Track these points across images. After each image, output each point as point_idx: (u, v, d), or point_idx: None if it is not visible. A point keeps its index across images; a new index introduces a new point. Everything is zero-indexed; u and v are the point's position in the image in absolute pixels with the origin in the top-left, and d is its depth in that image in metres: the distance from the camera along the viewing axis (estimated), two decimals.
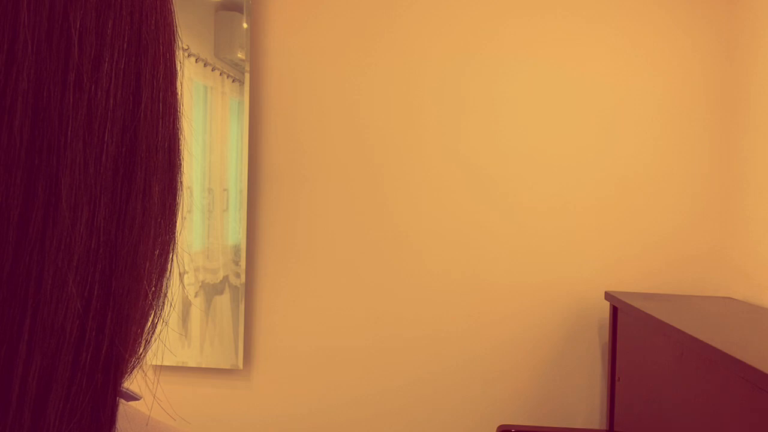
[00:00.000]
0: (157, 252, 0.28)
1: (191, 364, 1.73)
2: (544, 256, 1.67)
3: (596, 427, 1.65)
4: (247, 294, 1.72)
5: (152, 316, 0.28)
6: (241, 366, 1.72)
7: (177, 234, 0.30)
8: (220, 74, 1.71)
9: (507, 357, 1.68)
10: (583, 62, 1.66)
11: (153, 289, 0.28)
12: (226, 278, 1.73)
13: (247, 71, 1.69)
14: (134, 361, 0.28)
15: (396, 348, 1.71)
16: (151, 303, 0.28)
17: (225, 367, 1.73)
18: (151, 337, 0.29)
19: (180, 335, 1.73)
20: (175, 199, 0.29)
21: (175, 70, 0.29)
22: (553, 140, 1.67)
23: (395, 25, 1.70)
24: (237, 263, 1.72)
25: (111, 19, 0.24)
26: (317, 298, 1.72)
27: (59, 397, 0.22)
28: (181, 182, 0.30)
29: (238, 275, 1.71)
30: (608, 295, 1.51)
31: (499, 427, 1.59)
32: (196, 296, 1.73)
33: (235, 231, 1.72)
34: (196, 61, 1.69)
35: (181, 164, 0.29)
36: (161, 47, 0.27)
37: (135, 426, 0.31)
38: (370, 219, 1.71)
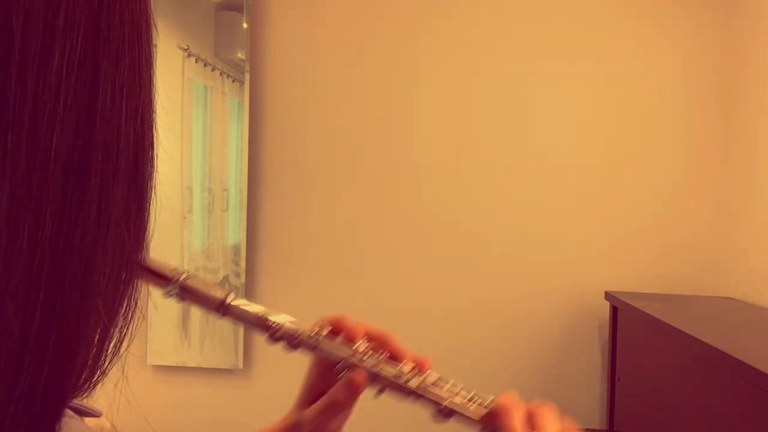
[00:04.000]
0: (117, 263, 0.24)
1: (191, 364, 1.73)
2: (545, 256, 1.67)
3: (596, 427, 1.64)
4: (247, 294, 1.72)
5: (114, 330, 0.25)
6: (241, 366, 1.72)
7: (146, 241, 0.27)
8: (220, 74, 1.71)
9: (507, 357, 1.68)
10: (581, 63, 1.66)
11: (111, 301, 0.25)
12: (226, 278, 1.73)
13: (247, 71, 1.69)
14: (94, 379, 0.25)
15: None
16: (112, 317, 0.25)
17: (225, 367, 1.73)
18: (117, 351, 0.26)
19: (179, 336, 1.73)
20: (142, 203, 0.26)
21: (145, 63, 0.25)
22: (556, 142, 1.66)
23: (395, 24, 1.70)
24: (237, 263, 1.72)
25: (63, 8, 0.21)
26: (317, 298, 1.72)
27: None
28: (152, 185, 0.26)
29: (238, 275, 1.71)
30: (608, 295, 1.51)
31: None
32: None
33: (235, 231, 1.72)
34: (196, 61, 1.69)
35: (151, 165, 0.26)
36: (126, 38, 0.24)
37: None
38: (370, 218, 1.71)
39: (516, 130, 1.68)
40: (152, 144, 0.26)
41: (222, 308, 0.51)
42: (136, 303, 0.27)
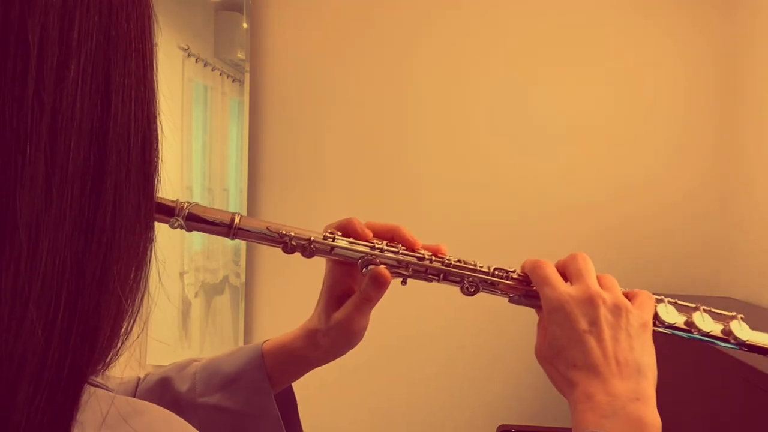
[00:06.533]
0: (131, 256, 0.26)
1: None
2: (544, 256, 1.67)
3: None
4: (247, 294, 1.72)
5: (123, 322, 0.27)
6: None
7: (154, 232, 0.28)
8: (220, 74, 1.71)
9: (507, 357, 1.68)
10: (581, 63, 1.66)
11: (127, 291, 0.26)
12: (226, 278, 1.73)
13: (247, 71, 1.69)
14: (106, 363, 0.27)
15: (396, 348, 1.71)
16: (125, 309, 0.26)
17: None
18: (126, 339, 0.27)
19: (179, 336, 1.73)
20: (151, 196, 0.27)
21: (150, 64, 0.26)
22: (555, 143, 1.66)
23: (395, 24, 1.70)
24: (237, 263, 1.72)
25: (77, 23, 0.22)
26: (317, 299, 1.72)
27: (18, 424, 0.21)
28: (158, 177, 0.28)
29: (238, 275, 1.71)
30: None
31: (499, 427, 1.58)
32: (196, 296, 1.73)
33: None
34: (196, 61, 1.69)
35: (157, 159, 0.27)
36: (133, 42, 0.25)
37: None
38: (371, 219, 1.71)
39: (514, 130, 1.68)
40: (157, 140, 0.27)
41: (232, 231, 0.51)
42: (146, 286, 0.28)
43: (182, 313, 1.73)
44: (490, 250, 1.68)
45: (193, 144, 1.72)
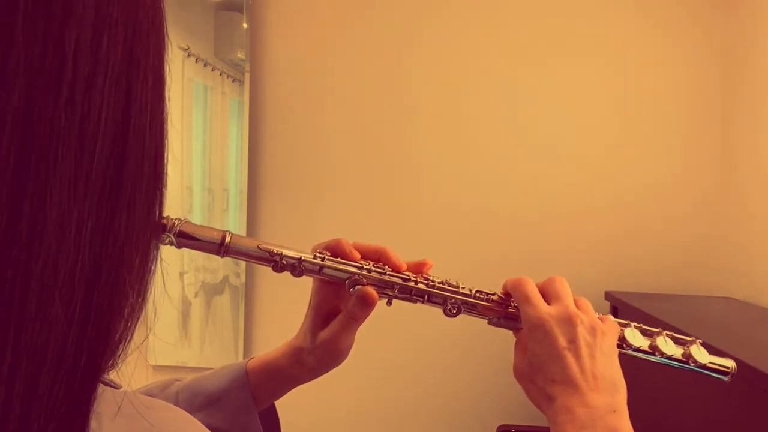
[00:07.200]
0: (141, 256, 0.28)
1: (191, 364, 1.73)
2: (545, 256, 1.67)
3: None
4: (247, 294, 1.72)
5: (132, 320, 0.29)
6: None
7: (159, 244, 0.30)
8: (220, 74, 1.71)
9: (507, 356, 1.68)
10: (581, 62, 1.66)
11: (137, 290, 0.28)
12: (226, 278, 1.73)
13: (247, 71, 1.69)
14: (113, 361, 0.28)
15: (395, 348, 1.71)
16: (133, 308, 0.28)
17: None
18: (130, 339, 0.29)
19: (179, 336, 1.73)
20: (160, 202, 0.29)
21: (164, 78, 0.29)
22: (556, 143, 1.66)
23: (395, 24, 1.70)
24: (237, 263, 1.72)
25: (106, 36, 0.24)
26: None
27: (39, 414, 0.22)
28: (165, 188, 0.30)
29: (238, 275, 1.71)
30: (608, 295, 1.51)
31: (499, 427, 1.58)
32: (196, 296, 1.73)
33: (235, 231, 1.71)
34: (196, 61, 1.69)
35: (165, 171, 0.29)
36: (151, 58, 0.27)
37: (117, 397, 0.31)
38: (371, 218, 1.71)
39: (515, 130, 1.68)
40: (165, 151, 0.30)
41: (222, 249, 0.52)
42: (149, 293, 0.30)
43: (182, 313, 1.74)
44: (490, 252, 1.69)
45: (193, 144, 1.72)
